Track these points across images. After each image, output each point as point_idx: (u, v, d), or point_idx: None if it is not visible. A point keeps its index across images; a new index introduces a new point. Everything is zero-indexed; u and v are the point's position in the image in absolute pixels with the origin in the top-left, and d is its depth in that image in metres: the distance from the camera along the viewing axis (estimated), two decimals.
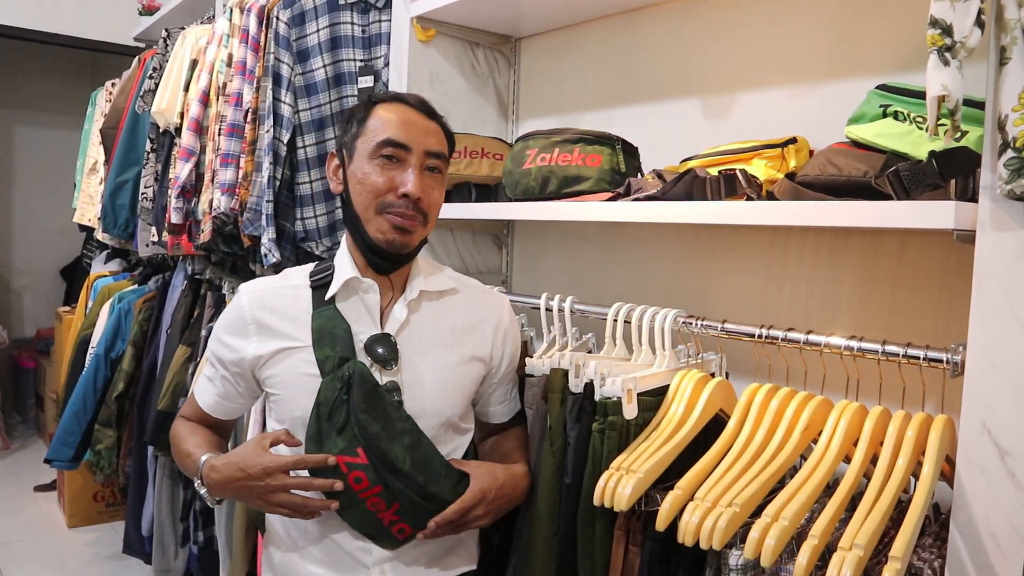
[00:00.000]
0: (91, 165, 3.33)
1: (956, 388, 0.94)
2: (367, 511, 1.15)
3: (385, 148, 1.16)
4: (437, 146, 1.20)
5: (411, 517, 1.16)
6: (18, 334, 5.05)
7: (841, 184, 1.06)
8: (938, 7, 0.82)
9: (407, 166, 1.16)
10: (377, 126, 1.17)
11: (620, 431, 1.16)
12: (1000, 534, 0.88)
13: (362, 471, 1.13)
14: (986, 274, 0.88)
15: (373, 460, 1.13)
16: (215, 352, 1.27)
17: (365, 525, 1.16)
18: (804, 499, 0.96)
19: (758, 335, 1.18)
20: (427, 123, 1.20)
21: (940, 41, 0.82)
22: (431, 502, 1.15)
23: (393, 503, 1.14)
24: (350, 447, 1.13)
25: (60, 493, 3.42)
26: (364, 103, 1.22)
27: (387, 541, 1.18)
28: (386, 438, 1.14)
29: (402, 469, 1.14)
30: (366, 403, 1.14)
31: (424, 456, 1.16)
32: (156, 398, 2.34)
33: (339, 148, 1.24)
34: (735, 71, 1.51)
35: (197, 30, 2.43)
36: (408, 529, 1.17)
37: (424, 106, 1.22)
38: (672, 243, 1.61)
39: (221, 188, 1.98)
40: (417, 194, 1.15)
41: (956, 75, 0.82)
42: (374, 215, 1.17)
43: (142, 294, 2.83)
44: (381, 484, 1.13)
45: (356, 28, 1.94)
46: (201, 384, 1.32)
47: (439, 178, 1.22)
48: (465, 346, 1.27)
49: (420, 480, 1.14)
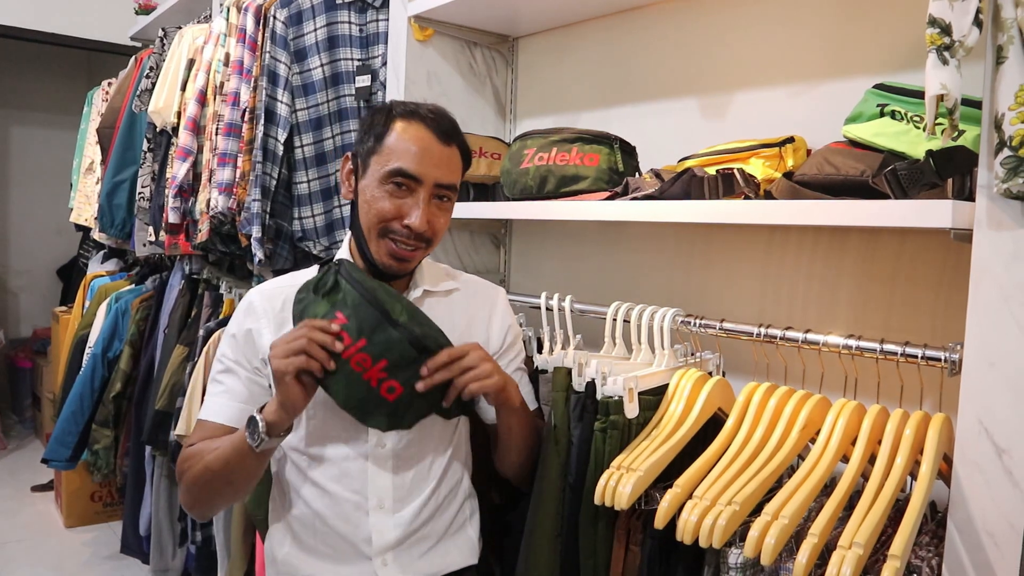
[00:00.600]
0: (88, 165, 3.33)
1: (954, 387, 0.94)
2: (351, 372, 1.08)
3: (396, 177, 1.16)
4: (449, 177, 1.19)
5: (402, 372, 1.10)
6: (15, 334, 5.04)
7: (839, 183, 1.07)
8: (937, 6, 0.83)
9: (416, 197, 1.17)
10: (393, 150, 1.16)
11: (622, 430, 1.17)
12: (997, 532, 0.88)
13: (343, 331, 1.08)
14: (983, 273, 0.88)
15: (359, 316, 1.09)
16: (229, 354, 1.23)
17: (351, 393, 1.09)
18: (803, 498, 0.96)
19: (756, 334, 1.18)
20: (444, 150, 1.19)
21: (939, 40, 0.82)
22: (424, 355, 1.11)
23: (381, 358, 1.09)
24: (330, 311, 1.10)
25: (57, 493, 3.41)
26: (385, 114, 1.20)
27: (376, 411, 1.11)
28: (383, 292, 1.12)
29: (397, 319, 1.10)
30: (359, 274, 1.14)
31: (422, 317, 1.14)
32: (153, 398, 2.33)
33: (354, 155, 1.24)
34: (732, 70, 1.51)
35: (194, 29, 2.42)
36: (398, 387, 1.10)
37: (442, 127, 1.19)
38: (670, 242, 1.61)
39: (218, 187, 1.98)
40: (421, 229, 1.16)
41: (955, 74, 0.82)
42: (376, 237, 1.18)
43: (139, 294, 2.83)
44: (365, 337, 1.08)
45: (353, 27, 1.93)
46: (214, 404, 1.22)
47: (447, 205, 1.22)
48: (467, 338, 1.27)
49: (416, 331, 1.10)
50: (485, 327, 1.32)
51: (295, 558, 1.23)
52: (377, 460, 1.20)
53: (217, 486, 1.17)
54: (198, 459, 1.17)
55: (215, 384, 1.24)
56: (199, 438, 1.21)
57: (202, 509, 1.24)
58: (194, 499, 1.21)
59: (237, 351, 1.22)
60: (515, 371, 1.34)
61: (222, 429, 1.20)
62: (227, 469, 1.14)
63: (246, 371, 1.22)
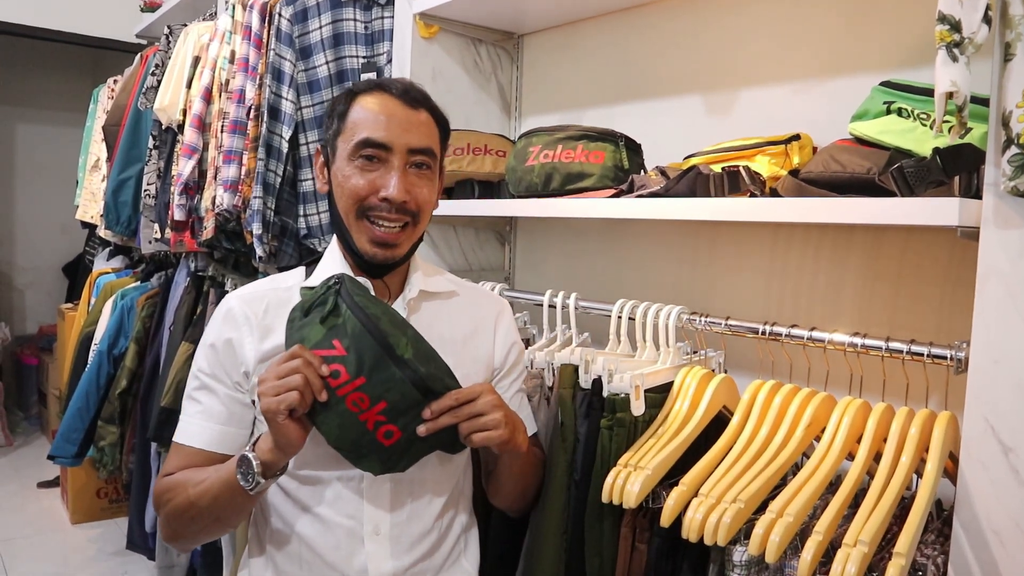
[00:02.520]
0: (93, 162, 3.33)
1: (959, 385, 0.94)
2: (346, 412, 0.96)
3: (364, 149, 1.07)
4: (422, 141, 1.09)
5: (402, 416, 0.98)
6: (21, 331, 5.06)
7: (845, 181, 1.06)
8: (947, 3, 0.82)
9: (389, 167, 1.07)
10: (356, 122, 1.08)
11: (628, 428, 1.17)
12: (1003, 530, 0.88)
13: (339, 363, 0.96)
14: (990, 270, 0.88)
15: (360, 349, 0.96)
16: (206, 368, 1.11)
17: (344, 434, 0.97)
18: (808, 496, 0.96)
19: (761, 331, 1.18)
20: (411, 114, 1.09)
21: (949, 37, 0.82)
22: (428, 398, 0.99)
23: (380, 400, 0.96)
24: (326, 339, 0.97)
25: (63, 489, 3.42)
26: (345, 94, 1.12)
27: (370, 455, 0.99)
28: (387, 321, 0.99)
29: (402, 355, 0.97)
30: (361, 293, 1.01)
31: (428, 351, 1.02)
32: (159, 395, 2.34)
33: (323, 145, 1.15)
34: (738, 67, 1.51)
35: (199, 27, 2.43)
36: (396, 432, 0.98)
37: (409, 94, 1.10)
38: (675, 240, 1.61)
39: (224, 185, 1.98)
40: (400, 198, 1.07)
41: (964, 71, 0.82)
42: (355, 220, 1.09)
43: (145, 291, 2.84)
44: (364, 376, 0.96)
45: (359, 24, 1.93)
46: (190, 426, 1.11)
47: (428, 174, 1.11)
48: (467, 353, 1.18)
49: (421, 370, 0.97)
50: (491, 337, 1.23)
51: None
52: (374, 481, 1.09)
53: (204, 523, 1.07)
54: (180, 491, 1.07)
55: (191, 403, 1.12)
56: (176, 466, 1.10)
57: (185, 542, 1.15)
58: (175, 533, 1.11)
59: (215, 364, 1.11)
60: (516, 392, 1.25)
61: (201, 455, 1.09)
62: (216, 506, 1.04)
63: (225, 387, 1.11)
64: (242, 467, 0.99)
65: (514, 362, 1.25)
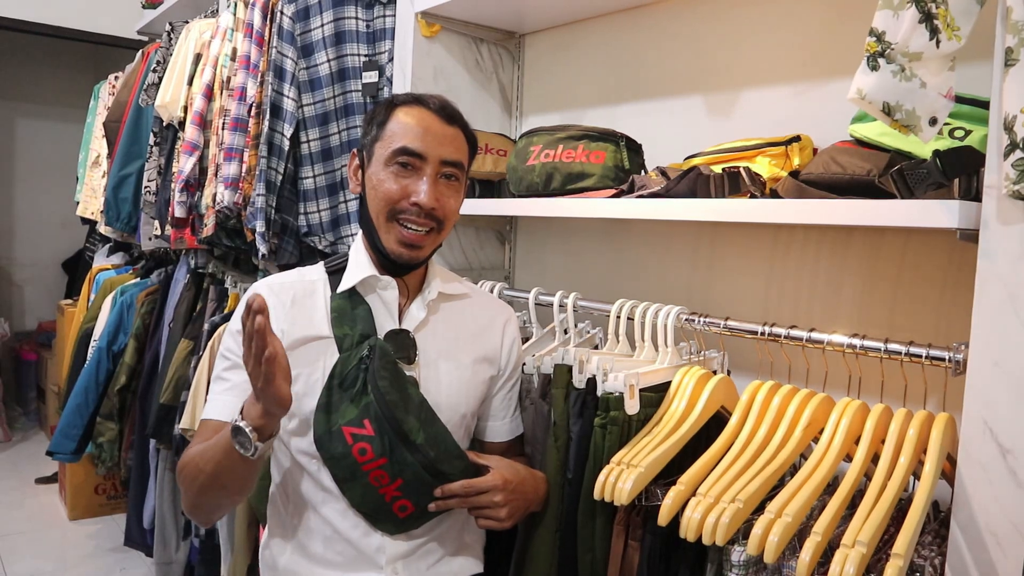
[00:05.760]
0: (94, 158, 3.34)
1: (958, 386, 0.94)
2: (369, 485, 1.12)
3: (400, 156, 1.16)
4: (454, 155, 1.19)
5: (415, 494, 1.13)
6: (20, 327, 5.06)
7: (845, 182, 1.07)
8: (879, 18, 0.87)
9: (422, 175, 1.17)
10: (395, 132, 1.17)
11: (622, 426, 1.17)
12: (1000, 532, 0.88)
13: (367, 442, 1.11)
14: (989, 273, 0.88)
15: (383, 431, 1.11)
16: (235, 349, 1.16)
17: (366, 502, 1.14)
18: (807, 496, 0.96)
19: (760, 332, 1.18)
20: (446, 129, 1.19)
21: (874, 47, 0.87)
22: (438, 479, 1.14)
23: (397, 478, 1.12)
24: (358, 418, 1.12)
25: (61, 485, 3.42)
26: (385, 105, 1.22)
27: (386, 522, 1.15)
28: (403, 408, 1.13)
29: (414, 441, 1.12)
30: (386, 371, 1.13)
31: (438, 434, 1.15)
32: (158, 391, 2.34)
33: (360, 149, 1.24)
34: (739, 68, 1.51)
35: (201, 24, 2.43)
36: (410, 507, 1.14)
37: (445, 110, 1.21)
38: (675, 240, 1.62)
39: (224, 182, 1.98)
40: (430, 204, 1.16)
41: (887, 78, 0.87)
42: (385, 221, 1.18)
43: (144, 288, 2.84)
44: (386, 456, 1.11)
45: (360, 23, 1.93)
46: (218, 402, 1.17)
47: (456, 185, 1.21)
48: (477, 347, 1.29)
49: (431, 454, 1.13)
50: (499, 338, 1.33)
51: (299, 565, 1.20)
52: None
53: (212, 492, 1.12)
54: (193, 462, 1.12)
55: (220, 382, 1.19)
56: (202, 439, 1.15)
57: (203, 514, 1.20)
58: (193, 504, 1.16)
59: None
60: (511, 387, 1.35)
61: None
62: (219, 472, 1.08)
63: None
64: (238, 437, 1.02)
65: (515, 366, 1.36)
